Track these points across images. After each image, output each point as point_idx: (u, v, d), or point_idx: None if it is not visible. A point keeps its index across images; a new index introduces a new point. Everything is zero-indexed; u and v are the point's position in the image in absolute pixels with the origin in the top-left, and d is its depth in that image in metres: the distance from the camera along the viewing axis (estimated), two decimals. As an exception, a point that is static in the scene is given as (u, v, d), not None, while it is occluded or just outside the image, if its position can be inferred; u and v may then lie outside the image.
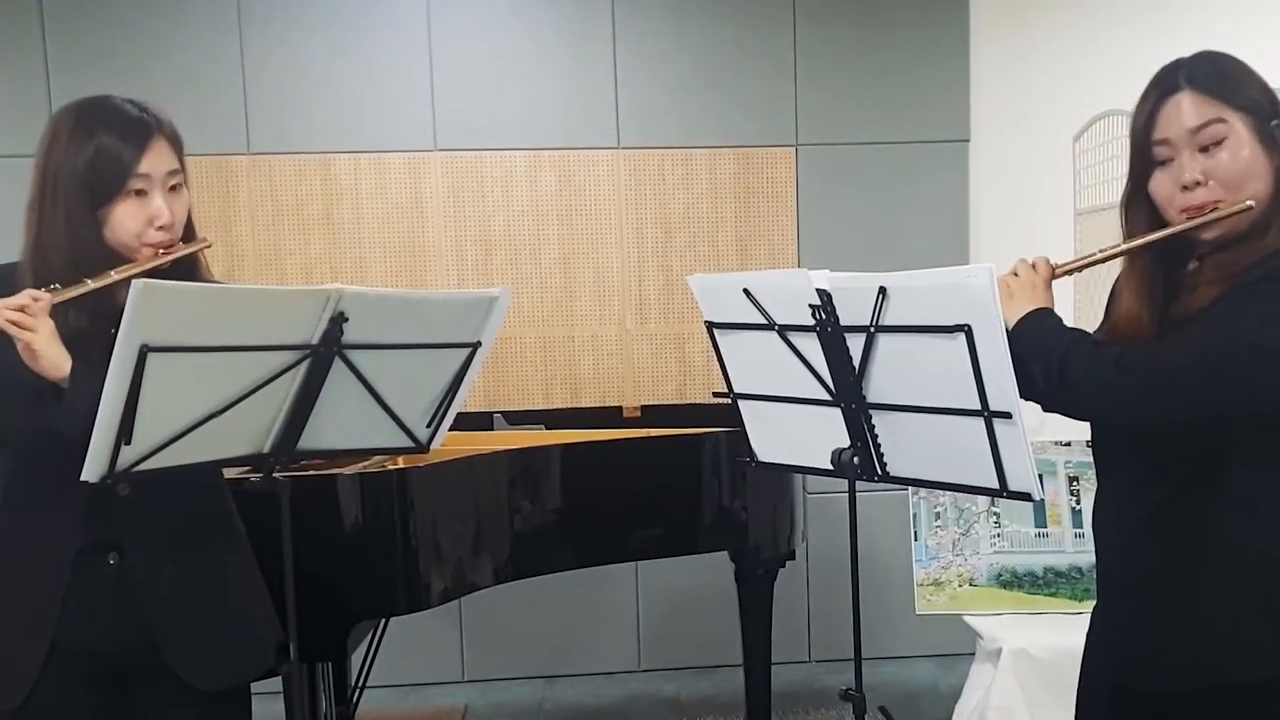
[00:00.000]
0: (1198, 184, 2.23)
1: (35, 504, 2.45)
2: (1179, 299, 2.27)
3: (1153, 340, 2.23)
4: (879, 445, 2.45)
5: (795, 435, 2.60)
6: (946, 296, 2.17)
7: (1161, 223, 2.30)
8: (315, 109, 5.54)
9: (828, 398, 2.46)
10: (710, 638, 5.78)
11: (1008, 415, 2.19)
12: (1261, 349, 2.10)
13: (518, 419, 4.84)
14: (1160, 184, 2.29)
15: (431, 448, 2.68)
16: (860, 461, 2.47)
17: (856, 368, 2.36)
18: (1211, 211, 2.23)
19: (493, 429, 4.71)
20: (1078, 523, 4.27)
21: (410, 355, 2.46)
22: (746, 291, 2.47)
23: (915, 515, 4.39)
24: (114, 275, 2.33)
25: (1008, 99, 5.80)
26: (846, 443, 2.49)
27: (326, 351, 2.33)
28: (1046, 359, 2.26)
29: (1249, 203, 2.20)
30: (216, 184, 5.50)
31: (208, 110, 5.46)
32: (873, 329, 2.29)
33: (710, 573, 4.67)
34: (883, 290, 2.25)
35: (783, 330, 2.45)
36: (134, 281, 2.07)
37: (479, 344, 2.54)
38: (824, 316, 2.35)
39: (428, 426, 2.62)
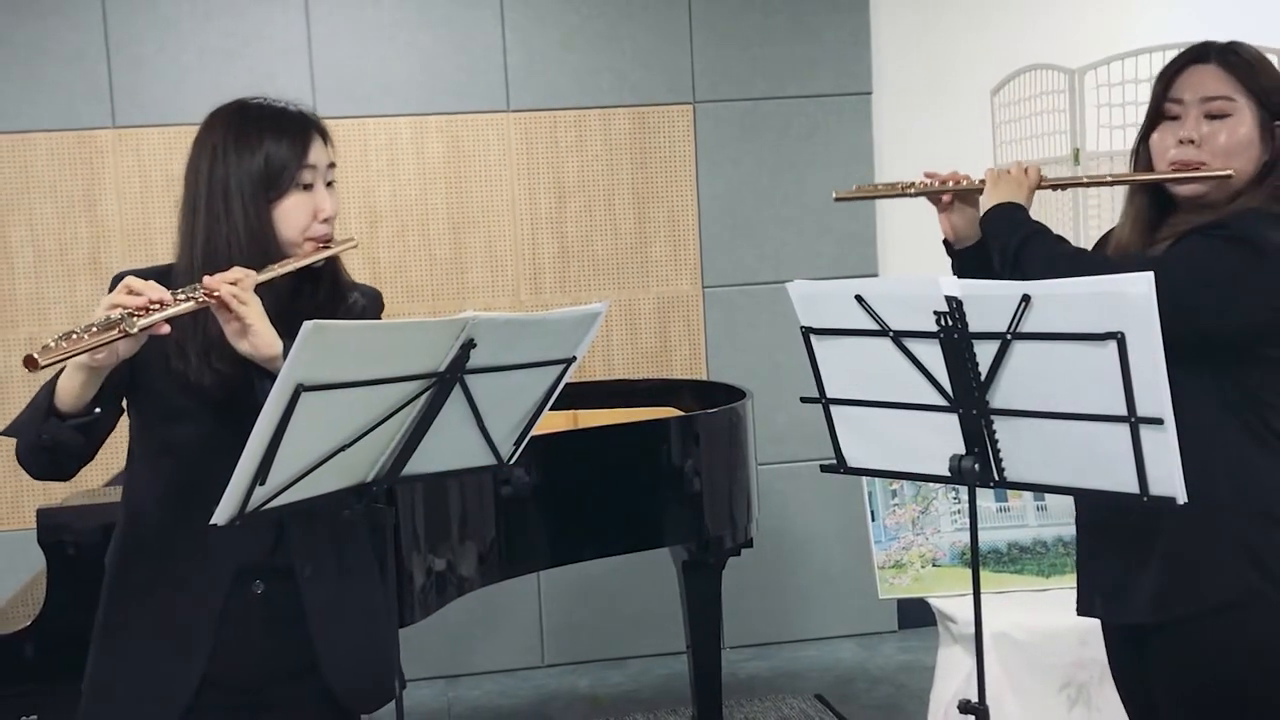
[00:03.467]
0: (1191, 142, 2.62)
1: (196, 519, 2.32)
2: (1151, 244, 2.67)
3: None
4: (998, 451, 2.55)
5: (894, 441, 2.68)
6: (1100, 304, 2.28)
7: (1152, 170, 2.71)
8: (185, 77, 5.42)
9: (944, 403, 2.55)
10: (613, 629, 5.89)
11: (1159, 421, 2.31)
12: (1212, 282, 2.48)
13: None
14: (1160, 136, 2.69)
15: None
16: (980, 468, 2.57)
17: (984, 374, 2.46)
18: (1194, 170, 2.61)
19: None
20: (1039, 495, 4.34)
21: (514, 374, 2.49)
22: (859, 298, 2.54)
23: (871, 494, 4.43)
24: (291, 265, 2.49)
25: (913, 51, 5.96)
26: (958, 448, 2.58)
27: (451, 378, 2.37)
28: (1006, 241, 2.68)
29: (1229, 171, 2.59)
30: (80, 159, 5.36)
31: (69, 81, 5.32)
32: (1009, 336, 2.39)
33: (606, 563, 4.69)
34: (1026, 298, 2.34)
35: (898, 336, 2.53)
36: (305, 323, 2.09)
37: (574, 358, 2.60)
38: (950, 323, 2.44)
39: (514, 444, 2.66)
